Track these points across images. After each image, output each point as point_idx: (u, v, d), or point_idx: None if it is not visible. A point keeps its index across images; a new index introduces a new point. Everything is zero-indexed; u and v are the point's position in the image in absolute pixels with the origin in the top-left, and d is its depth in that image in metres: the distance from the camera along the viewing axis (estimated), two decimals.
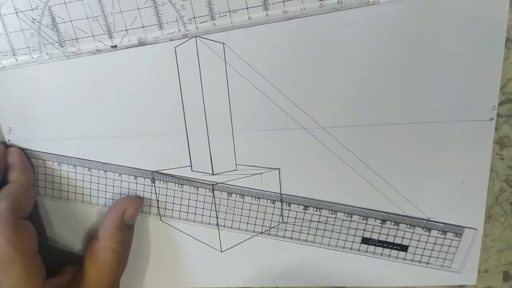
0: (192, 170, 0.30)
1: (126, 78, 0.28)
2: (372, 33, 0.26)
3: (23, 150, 0.31)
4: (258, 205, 0.30)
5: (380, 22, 0.25)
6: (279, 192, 0.30)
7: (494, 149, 0.27)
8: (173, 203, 0.31)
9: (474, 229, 0.29)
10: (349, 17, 0.25)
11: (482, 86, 0.26)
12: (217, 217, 0.31)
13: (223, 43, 0.27)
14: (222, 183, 0.30)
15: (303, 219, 0.30)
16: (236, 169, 0.29)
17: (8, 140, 0.31)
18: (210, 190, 0.30)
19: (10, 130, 0.30)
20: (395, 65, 0.26)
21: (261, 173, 0.29)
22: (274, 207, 0.30)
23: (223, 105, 0.28)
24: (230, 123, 0.28)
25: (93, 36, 0.27)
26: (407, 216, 0.29)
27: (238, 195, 0.30)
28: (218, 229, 0.31)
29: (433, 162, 0.28)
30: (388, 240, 0.30)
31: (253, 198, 0.30)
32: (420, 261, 0.30)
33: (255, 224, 0.31)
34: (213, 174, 0.30)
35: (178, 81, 0.28)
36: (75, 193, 0.32)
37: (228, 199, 0.30)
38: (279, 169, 0.29)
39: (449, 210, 0.29)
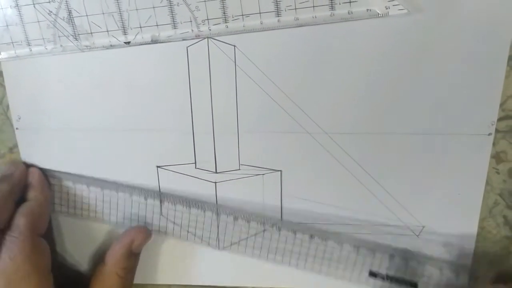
0: (195, 167, 0.31)
1: (137, 74, 0.29)
2: (378, 45, 0.26)
3: (41, 170, 0.32)
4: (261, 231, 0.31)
5: (387, 35, 0.26)
6: (280, 192, 0.30)
7: (490, 163, 0.28)
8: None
9: None
10: (358, 28, 0.26)
11: (483, 101, 0.27)
12: (217, 214, 0.31)
13: (234, 46, 0.28)
14: (224, 181, 0.31)
15: (309, 248, 0.31)
16: (239, 169, 0.30)
17: (17, 128, 0.31)
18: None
19: (19, 118, 0.31)
20: (399, 76, 0.27)
21: (263, 174, 0.30)
22: (280, 234, 0.31)
23: (230, 106, 0.29)
24: (236, 124, 0.29)
25: (107, 31, 0.28)
26: (417, 253, 0.30)
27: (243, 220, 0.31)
28: (218, 227, 0.32)
29: (431, 172, 0.29)
30: (396, 276, 0.30)
31: (258, 223, 0.31)
32: None
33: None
34: (216, 172, 0.30)
35: (188, 80, 0.29)
36: (89, 210, 0.33)
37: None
38: (281, 171, 0.30)
39: (443, 219, 0.30)
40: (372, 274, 0.30)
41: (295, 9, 0.26)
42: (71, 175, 0.32)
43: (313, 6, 0.26)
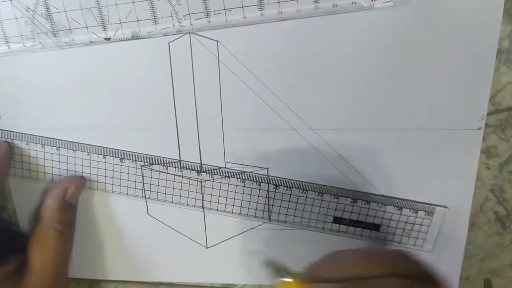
0: (180, 166, 0.30)
1: (118, 71, 0.28)
2: (365, 39, 0.26)
3: None
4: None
5: (373, 28, 0.26)
6: (267, 190, 0.30)
7: (481, 158, 0.28)
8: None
9: (446, 207, 0.29)
10: (343, 21, 0.26)
11: (472, 95, 0.26)
12: (203, 211, 0.31)
13: (217, 41, 0.27)
14: (210, 180, 0.30)
15: (274, 198, 0.30)
16: (225, 167, 0.30)
17: None
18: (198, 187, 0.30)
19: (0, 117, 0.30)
20: (386, 71, 0.26)
21: (249, 172, 0.29)
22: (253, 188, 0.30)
23: (214, 103, 0.28)
24: (221, 121, 0.29)
25: (87, 27, 0.27)
26: (378, 195, 0.29)
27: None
28: (205, 225, 0.31)
29: (420, 169, 0.28)
30: (359, 220, 0.30)
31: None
32: (392, 241, 0.30)
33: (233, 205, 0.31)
34: (201, 171, 0.30)
35: (171, 76, 0.28)
36: (45, 172, 0.31)
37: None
38: (267, 168, 0.29)
39: (434, 216, 0.29)
40: (336, 221, 0.30)
41: (279, 2, 0.25)
42: (23, 135, 0.31)
43: None
